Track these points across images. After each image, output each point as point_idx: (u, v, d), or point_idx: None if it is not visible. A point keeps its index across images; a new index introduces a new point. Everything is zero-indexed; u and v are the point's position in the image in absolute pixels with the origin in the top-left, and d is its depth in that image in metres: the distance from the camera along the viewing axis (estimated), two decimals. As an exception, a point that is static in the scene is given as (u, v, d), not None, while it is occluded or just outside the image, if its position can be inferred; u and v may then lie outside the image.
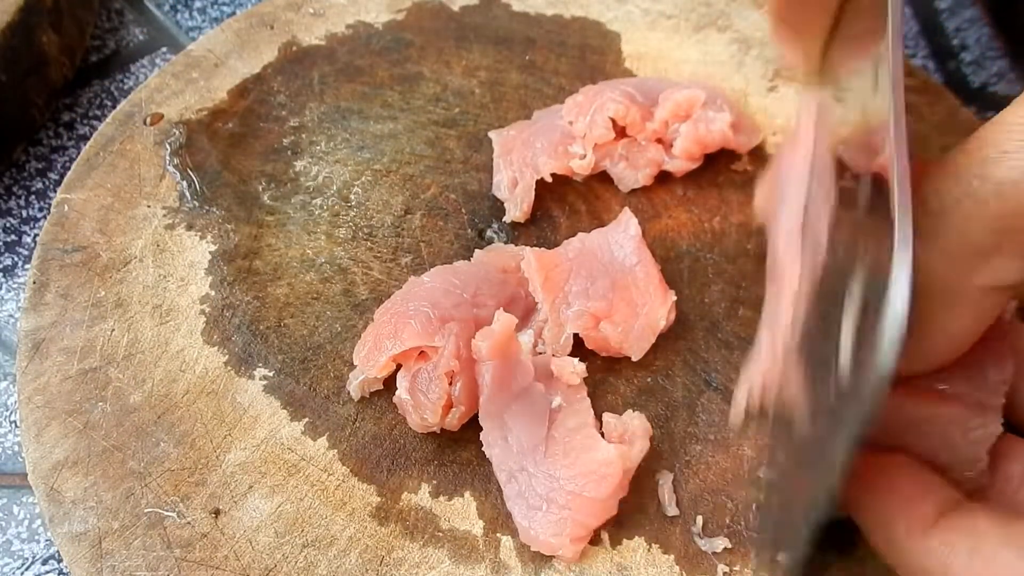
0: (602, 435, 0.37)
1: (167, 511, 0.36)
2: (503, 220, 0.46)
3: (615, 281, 0.41)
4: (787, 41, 0.35)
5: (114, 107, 0.49)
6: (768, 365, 0.36)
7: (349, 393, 0.40)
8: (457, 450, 0.39)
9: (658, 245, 0.45)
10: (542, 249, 0.42)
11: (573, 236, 0.43)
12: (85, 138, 0.53)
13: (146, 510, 0.36)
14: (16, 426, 0.44)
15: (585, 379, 0.38)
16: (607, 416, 0.38)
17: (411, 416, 0.38)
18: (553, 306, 0.40)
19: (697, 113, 0.46)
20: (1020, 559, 0.26)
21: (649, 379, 0.41)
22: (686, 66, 0.53)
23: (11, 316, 0.48)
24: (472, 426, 0.38)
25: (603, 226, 0.44)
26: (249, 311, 0.42)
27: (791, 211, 0.35)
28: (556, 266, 0.41)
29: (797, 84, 0.49)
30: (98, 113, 0.56)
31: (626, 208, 0.44)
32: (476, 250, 0.43)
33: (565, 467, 0.36)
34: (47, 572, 0.41)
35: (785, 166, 0.37)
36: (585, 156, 0.45)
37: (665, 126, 0.47)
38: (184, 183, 0.46)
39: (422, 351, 0.38)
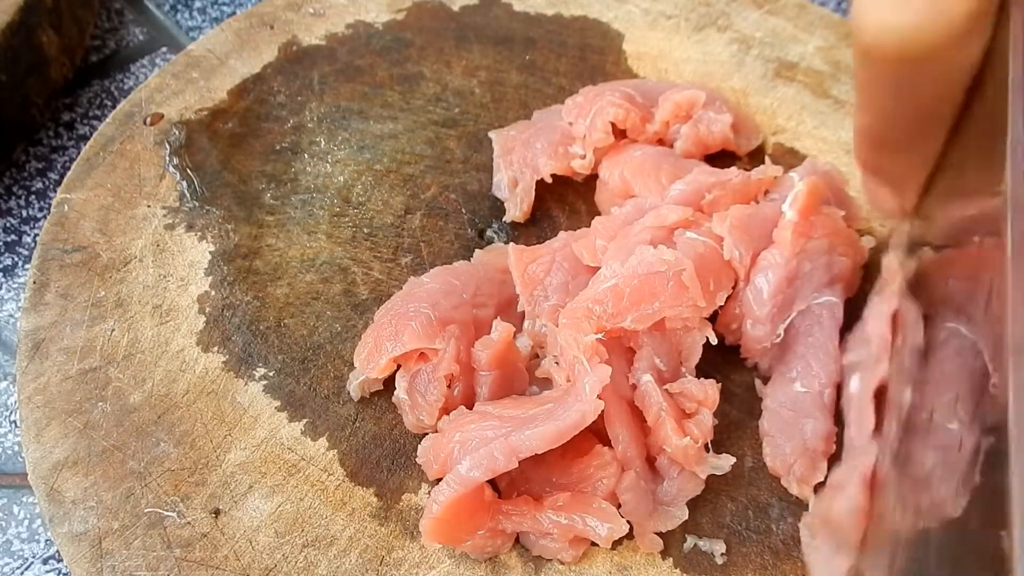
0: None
1: (167, 511, 0.36)
2: (503, 220, 0.46)
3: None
4: (878, 196, 0.33)
5: (114, 107, 0.49)
6: None
7: (349, 393, 0.40)
8: (457, 450, 0.39)
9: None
10: (524, 246, 0.42)
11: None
12: (85, 138, 0.53)
13: (146, 510, 0.36)
14: (16, 426, 0.44)
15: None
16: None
17: (407, 417, 0.38)
18: (531, 298, 0.40)
19: (697, 114, 0.46)
20: None
21: (649, 379, 0.41)
22: (686, 66, 0.53)
23: (11, 316, 0.48)
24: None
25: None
26: (249, 311, 0.42)
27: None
28: (534, 260, 0.41)
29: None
30: (98, 113, 0.56)
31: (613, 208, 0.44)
32: (476, 250, 0.43)
33: (562, 469, 0.36)
34: (47, 572, 0.41)
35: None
36: (585, 156, 0.45)
37: (666, 127, 0.47)
38: (184, 183, 0.46)
39: (422, 353, 0.38)
